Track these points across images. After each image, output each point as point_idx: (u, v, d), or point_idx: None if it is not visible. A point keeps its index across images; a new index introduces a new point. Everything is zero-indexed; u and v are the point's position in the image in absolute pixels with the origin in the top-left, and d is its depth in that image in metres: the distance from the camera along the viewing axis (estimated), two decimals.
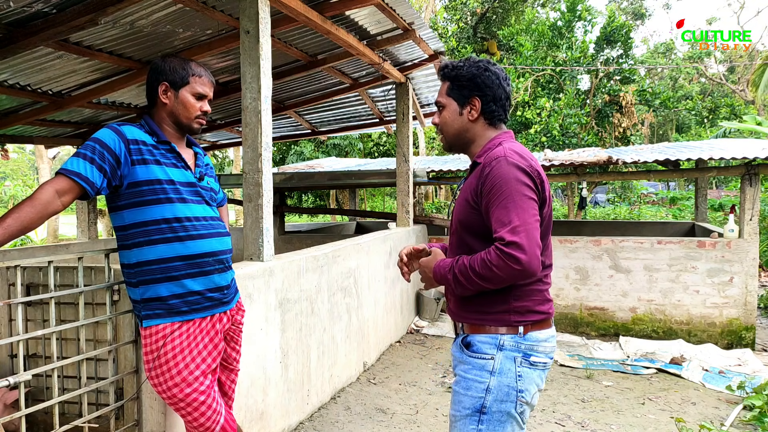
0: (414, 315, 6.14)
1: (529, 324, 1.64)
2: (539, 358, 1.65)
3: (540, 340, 1.66)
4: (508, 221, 1.52)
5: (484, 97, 1.73)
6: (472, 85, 1.73)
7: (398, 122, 5.86)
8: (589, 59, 12.86)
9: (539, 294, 1.67)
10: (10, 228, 1.65)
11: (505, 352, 1.63)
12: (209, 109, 2.10)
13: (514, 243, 1.48)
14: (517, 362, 1.62)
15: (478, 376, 1.64)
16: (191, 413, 1.97)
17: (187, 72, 2.03)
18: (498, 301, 1.64)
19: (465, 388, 1.66)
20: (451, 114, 1.78)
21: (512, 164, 1.58)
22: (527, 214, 1.53)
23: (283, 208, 7.62)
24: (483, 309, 1.67)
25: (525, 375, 1.63)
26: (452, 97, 1.77)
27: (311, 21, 3.67)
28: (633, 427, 3.53)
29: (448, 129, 1.79)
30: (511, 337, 1.63)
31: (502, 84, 1.73)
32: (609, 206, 20.51)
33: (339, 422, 3.54)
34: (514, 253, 1.48)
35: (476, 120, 1.75)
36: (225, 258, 2.09)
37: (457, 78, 1.75)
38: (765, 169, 5.27)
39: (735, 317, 5.34)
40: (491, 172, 1.59)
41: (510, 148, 1.63)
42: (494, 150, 1.66)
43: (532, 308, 1.65)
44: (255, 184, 3.09)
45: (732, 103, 16.00)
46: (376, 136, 17.79)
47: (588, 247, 5.84)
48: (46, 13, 3.33)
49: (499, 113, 1.76)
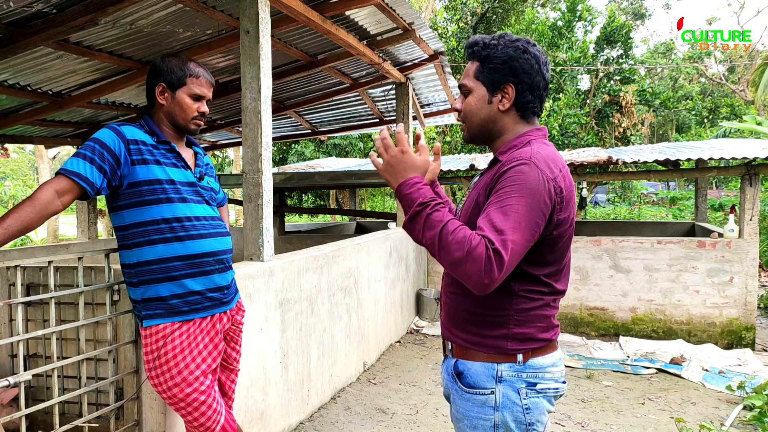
0: (414, 315, 6.14)
1: (528, 351, 1.42)
2: (548, 384, 1.43)
3: (544, 367, 1.43)
4: (501, 229, 1.25)
5: (520, 84, 1.44)
6: (507, 70, 1.43)
7: (398, 122, 5.86)
8: (589, 59, 12.87)
9: (545, 320, 1.44)
10: (11, 228, 1.65)
11: (505, 383, 1.41)
12: (207, 110, 2.08)
13: (501, 257, 1.23)
14: (522, 393, 1.40)
15: (481, 413, 1.43)
16: (191, 413, 1.97)
17: (185, 73, 2.01)
18: (496, 323, 1.42)
19: (471, 426, 1.45)
20: (478, 101, 1.48)
21: (536, 175, 1.31)
22: (523, 236, 1.27)
23: (283, 208, 7.62)
24: (477, 330, 1.44)
25: (534, 406, 1.41)
26: (481, 81, 1.47)
27: (311, 21, 3.67)
28: (633, 427, 3.53)
29: (472, 118, 1.50)
30: (509, 366, 1.41)
31: (541, 69, 1.45)
32: (609, 206, 20.50)
33: (339, 422, 3.54)
34: (493, 266, 1.22)
35: (507, 111, 1.47)
36: (225, 258, 2.09)
37: (489, 59, 1.45)
38: (765, 169, 5.27)
39: (735, 317, 5.34)
40: (509, 172, 1.33)
41: (539, 153, 1.36)
42: (521, 149, 1.40)
43: (534, 336, 1.42)
44: (255, 184, 3.09)
45: (732, 103, 16.01)
46: (376, 136, 17.76)
47: (588, 247, 5.84)
48: (46, 13, 3.33)
49: (535, 105, 1.47)
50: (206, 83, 2.07)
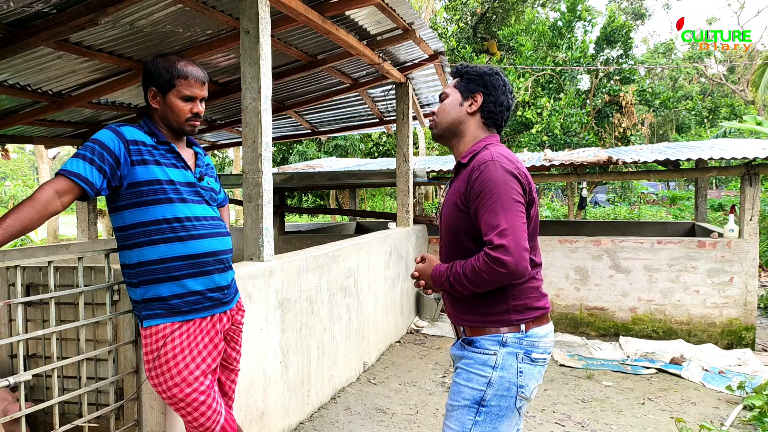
0: (414, 315, 6.14)
1: (530, 321, 1.68)
2: (540, 354, 1.69)
3: (540, 336, 1.70)
4: (497, 224, 1.56)
5: (488, 95, 1.78)
6: (479, 81, 1.79)
7: (398, 122, 5.86)
8: (589, 59, 12.85)
9: (535, 291, 1.71)
10: (10, 228, 1.65)
11: (508, 348, 1.66)
12: (200, 110, 2.03)
13: (501, 246, 1.53)
14: (519, 358, 1.66)
15: (480, 369, 1.67)
16: (191, 413, 1.97)
17: (172, 75, 1.96)
18: (496, 301, 1.68)
19: (466, 379, 1.69)
20: (452, 103, 1.83)
21: (501, 168, 1.62)
22: (515, 216, 1.57)
23: (283, 208, 7.62)
24: (483, 311, 1.70)
25: (526, 371, 1.66)
26: (458, 89, 1.83)
27: (311, 21, 3.67)
28: (633, 427, 3.53)
29: (444, 116, 1.84)
30: (513, 335, 1.67)
31: (507, 93, 1.80)
32: (609, 206, 20.51)
33: (339, 422, 3.54)
34: (500, 256, 1.53)
35: (474, 114, 1.80)
36: (225, 258, 2.09)
37: (467, 74, 1.83)
38: (765, 169, 5.27)
39: (735, 317, 5.34)
40: (480, 175, 1.63)
41: (498, 152, 1.68)
42: (482, 153, 1.71)
43: (530, 305, 1.69)
44: (255, 184, 3.09)
45: (732, 103, 15.99)
46: (376, 136, 17.79)
47: (588, 247, 5.84)
48: (46, 13, 3.33)
49: (496, 118, 1.81)
50: (196, 83, 2.00)
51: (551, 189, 24.68)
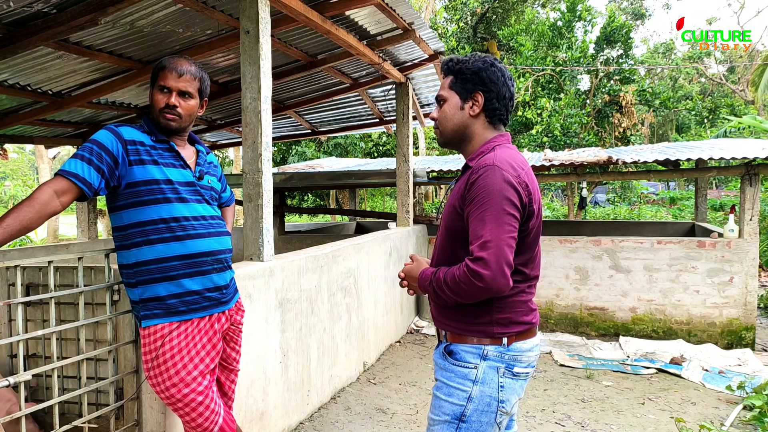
0: (414, 315, 6.14)
1: (513, 335, 1.62)
2: (522, 369, 1.64)
3: (524, 351, 1.64)
4: (481, 235, 1.49)
5: (488, 93, 1.67)
6: (477, 80, 1.67)
7: (398, 122, 5.86)
8: (589, 59, 12.86)
9: (522, 305, 1.64)
10: (10, 228, 1.65)
11: (489, 362, 1.61)
12: (173, 102, 1.96)
13: (481, 259, 1.47)
14: (500, 372, 1.61)
15: (460, 384, 1.62)
16: (189, 413, 1.97)
17: (157, 68, 2.00)
18: (481, 312, 1.62)
19: (447, 394, 1.65)
20: (452, 108, 1.71)
21: (500, 176, 1.53)
22: (502, 230, 1.49)
23: (283, 208, 7.62)
24: (466, 319, 1.64)
25: (507, 386, 1.62)
26: (455, 91, 1.71)
27: (311, 21, 3.67)
28: (633, 427, 3.53)
29: (446, 123, 1.74)
30: (494, 348, 1.61)
31: (507, 82, 1.69)
32: (609, 206, 20.50)
33: (339, 422, 3.54)
34: (477, 269, 1.46)
35: (477, 116, 1.70)
36: (224, 257, 2.09)
37: (461, 72, 1.70)
38: (765, 169, 5.27)
39: (735, 317, 5.34)
40: (477, 180, 1.55)
41: (502, 156, 1.59)
42: (486, 156, 1.62)
43: (515, 319, 1.63)
44: (255, 184, 3.09)
45: (732, 103, 16.00)
46: (376, 136, 17.79)
47: (588, 247, 5.84)
48: (46, 13, 3.33)
49: (501, 112, 1.70)
50: (173, 75, 1.96)
51: (551, 189, 24.69)
